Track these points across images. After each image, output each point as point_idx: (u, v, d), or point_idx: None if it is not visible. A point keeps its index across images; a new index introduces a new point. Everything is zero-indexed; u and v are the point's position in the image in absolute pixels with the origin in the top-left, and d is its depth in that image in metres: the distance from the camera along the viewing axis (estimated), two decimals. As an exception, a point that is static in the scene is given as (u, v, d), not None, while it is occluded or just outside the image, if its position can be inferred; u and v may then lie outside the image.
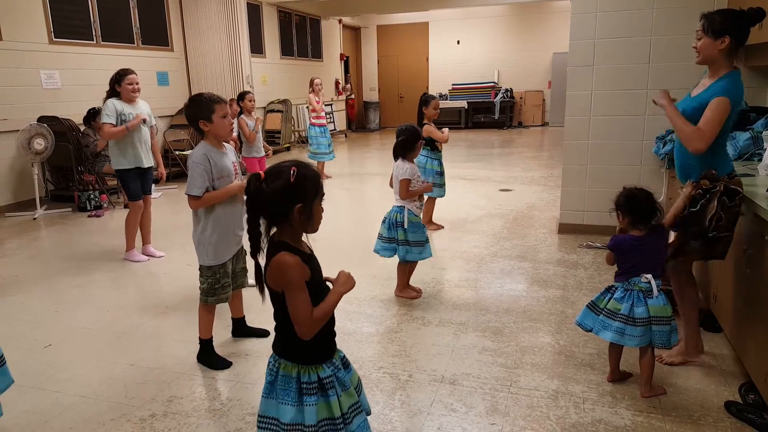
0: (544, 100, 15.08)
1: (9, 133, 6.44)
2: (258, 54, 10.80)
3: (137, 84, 4.43)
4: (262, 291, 1.64)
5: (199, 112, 2.69)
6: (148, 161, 4.57)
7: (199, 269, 2.84)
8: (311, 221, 1.62)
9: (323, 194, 1.65)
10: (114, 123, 4.29)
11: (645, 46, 4.46)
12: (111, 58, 7.79)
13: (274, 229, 1.64)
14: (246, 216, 1.59)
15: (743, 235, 2.57)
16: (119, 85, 4.35)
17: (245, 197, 1.60)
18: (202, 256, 2.80)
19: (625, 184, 2.57)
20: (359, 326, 3.29)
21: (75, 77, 7.21)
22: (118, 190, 6.94)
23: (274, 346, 1.69)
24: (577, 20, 4.61)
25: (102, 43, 7.74)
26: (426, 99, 5.01)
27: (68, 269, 4.48)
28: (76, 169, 6.73)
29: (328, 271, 1.72)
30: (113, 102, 4.34)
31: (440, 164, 5.13)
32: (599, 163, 4.79)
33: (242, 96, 5.87)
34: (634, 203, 2.46)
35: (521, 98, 15.19)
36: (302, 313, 1.55)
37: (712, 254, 2.54)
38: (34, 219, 6.20)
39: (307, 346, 1.60)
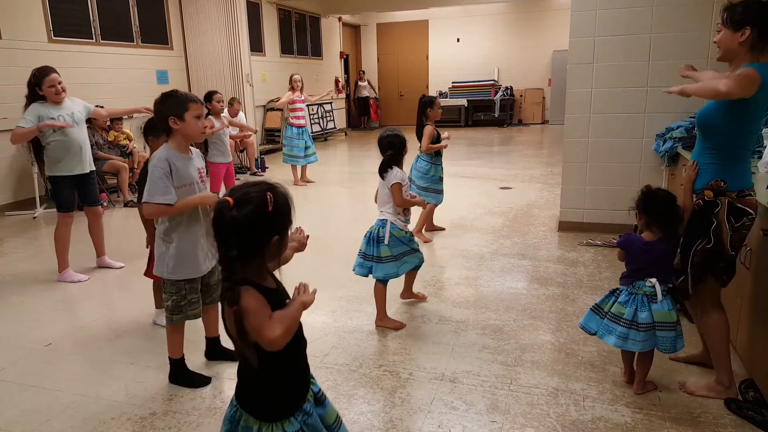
0: (544, 97, 15.07)
1: (8, 132, 6.42)
2: (258, 52, 10.78)
3: (60, 84, 3.90)
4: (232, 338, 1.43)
5: (171, 108, 2.45)
6: (85, 167, 4.14)
7: (162, 283, 2.59)
8: (280, 252, 1.43)
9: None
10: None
11: (645, 44, 4.46)
12: (110, 56, 7.80)
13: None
14: (217, 245, 1.39)
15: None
16: (40, 88, 3.86)
17: (213, 225, 1.39)
18: (159, 266, 2.55)
19: (648, 184, 2.49)
20: (360, 324, 3.30)
21: (74, 76, 7.16)
22: (118, 189, 6.94)
23: (237, 394, 1.49)
24: (577, 18, 4.60)
25: (101, 41, 7.73)
26: (431, 100, 4.72)
27: (68, 268, 4.47)
28: (75, 167, 6.71)
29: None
30: (36, 106, 3.87)
31: (442, 170, 4.94)
32: (599, 161, 4.79)
33: (209, 96, 5.38)
34: (652, 202, 2.40)
35: (521, 96, 15.17)
36: (265, 329, 1.33)
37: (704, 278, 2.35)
38: (34, 218, 6.20)
39: (272, 398, 1.43)
